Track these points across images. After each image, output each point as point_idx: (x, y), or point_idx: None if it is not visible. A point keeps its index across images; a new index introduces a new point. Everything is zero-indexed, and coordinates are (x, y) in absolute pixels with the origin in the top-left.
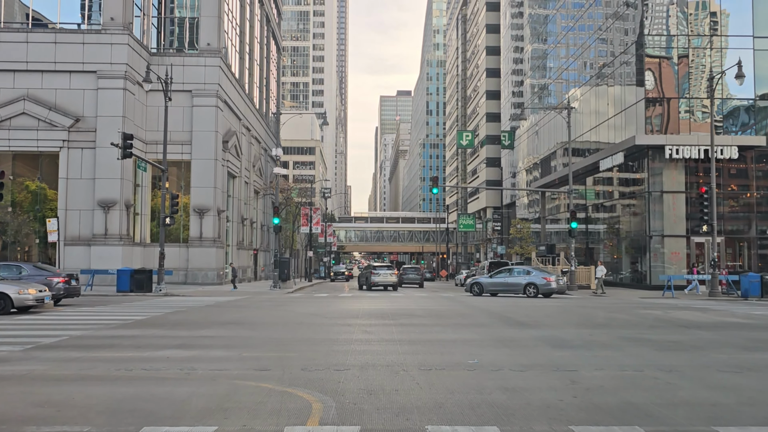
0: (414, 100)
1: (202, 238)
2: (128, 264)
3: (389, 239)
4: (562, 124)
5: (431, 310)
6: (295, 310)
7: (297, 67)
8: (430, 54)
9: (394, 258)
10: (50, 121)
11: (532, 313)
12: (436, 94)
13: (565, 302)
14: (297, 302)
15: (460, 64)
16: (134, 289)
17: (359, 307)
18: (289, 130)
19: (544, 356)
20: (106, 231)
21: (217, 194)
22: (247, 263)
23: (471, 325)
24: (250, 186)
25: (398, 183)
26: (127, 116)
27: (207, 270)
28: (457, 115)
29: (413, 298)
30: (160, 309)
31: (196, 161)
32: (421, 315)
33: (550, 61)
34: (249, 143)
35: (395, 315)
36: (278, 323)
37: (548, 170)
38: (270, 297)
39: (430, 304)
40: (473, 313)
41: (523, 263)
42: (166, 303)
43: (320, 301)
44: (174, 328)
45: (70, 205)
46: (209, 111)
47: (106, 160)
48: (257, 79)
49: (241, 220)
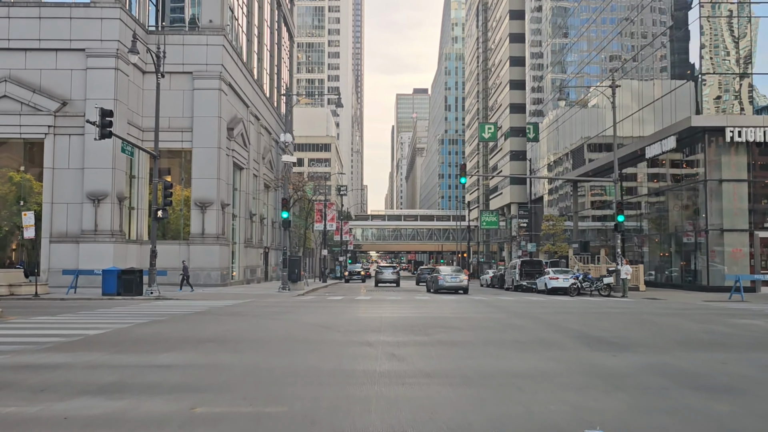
0: (432, 96)
1: (204, 234)
2: (121, 264)
3: (408, 238)
4: (588, 117)
5: (470, 318)
6: (301, 320)
7: (312, 63)
8: (448, 47)
9: (411, 257)
10: (34, 104)
11: (603, 324)
12: (454, 89)
13: (624, 305)
14: (305, 308)
15: (481, 54)
16: (122, 292)
17: (380, 315)
18: (303, 126)
19: (703, 416)
20: (95, 227)
21: (220, 186)
22: (256, 263)
23: (534, 344)
24: (259, 179)
25: (415, 181)
26: (119, 99)
27: (209, 270)
28: (478, 108)
29: (441, 302)
30: (135, 318)
31: (198, 150)
32: (459, 326)
33: (570, 56)
34: (258, 133)
35: (427, 327)
36: (274, 340)
37: (580, 162)
38: (276, 301)
39: (465, 309)
40: (525, 323)
41: (558, 262)
42: (149, 309)
43: (333, 306)
44: (124, 351)
45: (57, 198)
46: (212, 94)
47: (95, 148)
48: (267, 66)
49: (249, 215)
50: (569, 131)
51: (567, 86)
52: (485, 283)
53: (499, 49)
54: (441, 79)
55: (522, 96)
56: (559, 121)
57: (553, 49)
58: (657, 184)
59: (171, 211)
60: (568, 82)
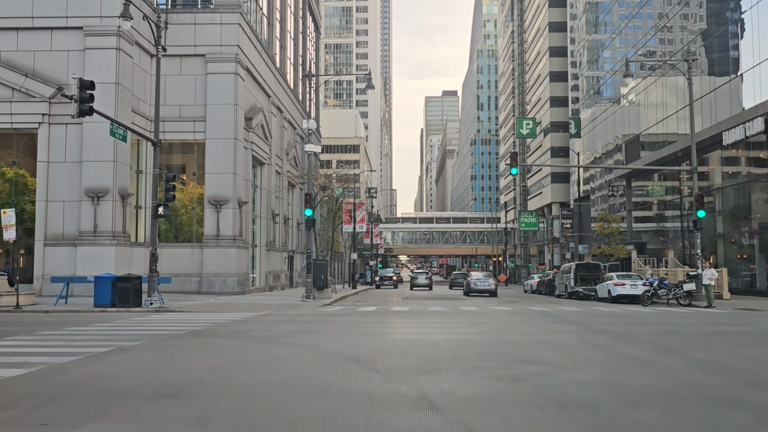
0: (463, 96)
1: (219, 236)
2: (125, 269)
3: (440, 241)
4: (633, 112)
5: (554, 343)
6: (323, 346)
7: (340, 64)
8: (480, 44)
9: (443, 261)
10: (27, 90)
11: (758, 354)
12: (487, 87)
13: (730, 320)
14: (330, 324)
15: (516, 48)
16: (117, 303)
17: (429, 337)
18: (331, 128)
19: None
20: (95, 227)
21: (237, 182)
22: (280, 267)
23: (718, 404)
24: (283, 177)
25: (445, 184)
26: (121, 83)
27: (225, 276)
28: (513, 104)
29: (496, 315)
30: (103, 341)
31: (212, 141)
32: (551, 359)
33: (606, 53)
34: (281, 127)
35: (504, 359)
36: (275, 392)
37: (634, 156)
38: (296, 314)
39: (533, 325)
40: (647, 354)
41: (618, 266)
42: (133, 327)
43: (365, 321)
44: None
45: (52, 195)
46: (227, 79)
47: (95, 138)
48: (291, 56)
49: (271, 215)
50: (614, 126)
51: (601, 84)
52: (530, 289)
53: (537, 41)
54: (472, 77)
55: (563, 88)
56: (607, 113)
57: (590, 46)
58: (735, 176)
59: (183, 211)
60: (603, 80)
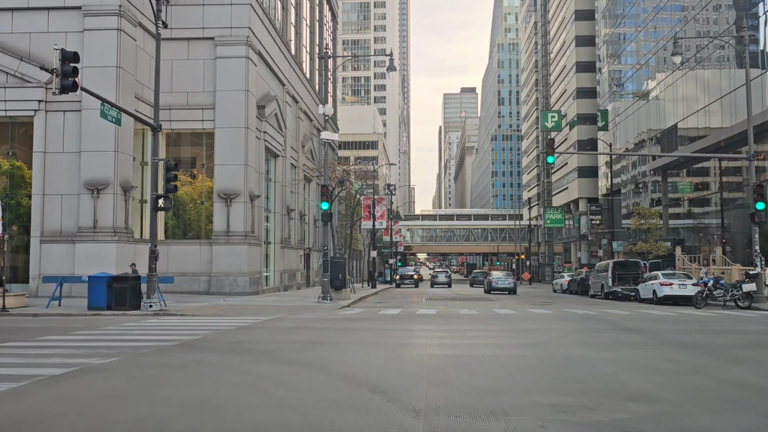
0: (483, 91)
1: (229, 232)
2: (127, 267)
3: (461, 238)
4: (660, 107)
5: (643, 364)
6: (339, 368)
7: (357, 61)
8: (500, 38)
9: (463, 260)
10: (22, 75)
11: None
12: (508, 82)
13: None
14: (347, 334)
15: (540, 39)
16: (113, 305)
17: (472, 351)
18: (349, 124)
19: None
20: (95, 222)
21: (249, 174)
22: (295, 266)
23: None
24: (298, 171)
25: (465, 181)
26: (123, 67)
27: (236, 275)
28: (537, 98)
29: (540, 320)
30: (70, 359)
31: (222, 131)
32: (654, 392)
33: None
34: (297, 117)
35: (599, 394)
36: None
37: (672, 147)
38: (309, 318)
39: (592, 334)
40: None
41: (659, 263)
42: (120, 336)
43: (389, 328)
44: None
45: (49, 188)
46: (237, 64)
47: (94, 126)
48: (307, 44)
49: (286, 211)
50: (648, 117)
51: (626, 78)
52: (560, 289)
53: (562, 30)
54: (493, 72)
55: (590, 79)
56: (638, 104)
57: (612, 39)
58: None
59: (191, 205)
60: (624, 75)
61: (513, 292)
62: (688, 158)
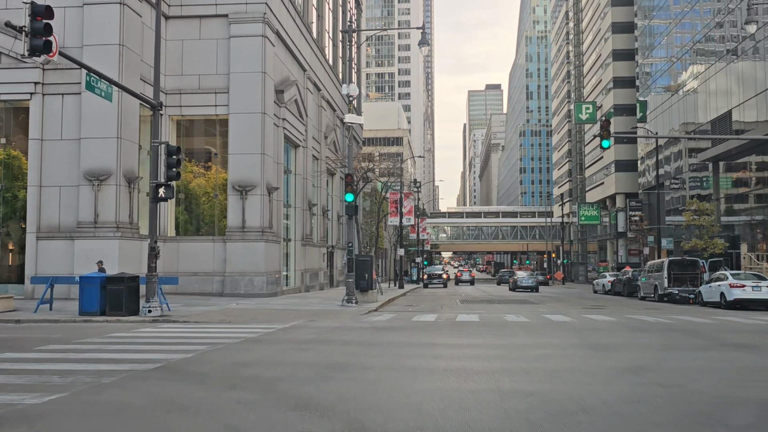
0: (509, 87)
1: (244, 227)
2: (132, 267)
3: (489, 236)
4: (693, 102)
5: None
6: (372, 421)
7: (381, 56)
8: (529, 31)
9: (489, 258)
10: (17, 54)
11: None
12: (536, 76)
13: None
14: (379, 352)
15: (572, 28)
16: (108, 310)
17: (571, 391)
18: (373, 120)
19: None
20: (96, 217)
21: (266, 164)
22: (318, 265)
23: None
24: (320, 163)
25: (490, 179)
26: (127, 45)
27: (252, 275)
28: (568, 90)
29: (614, 331)
30: (18, 393)
31: (236, 117)
32: None
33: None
34: (319, 106)
35: None
36: None
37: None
38: (334, 326)
39: (711, 359)
40: None
41: (718, 262)
42: (93, 355)
43: (431, 344)
44: None
45: (47, 179)
46: (253, 43)
47: (95, 111)
48: (330, 29)
49: (307, 206)
50: (695, 107)
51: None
52: (602, 289)
53: (597, 18)
54: (520, 66)
55: (628, 68)
56: (681, 94)
57: (650, 29)
58: None
59: (204, 199)
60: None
61: (536, 290)
62: (744, 148)
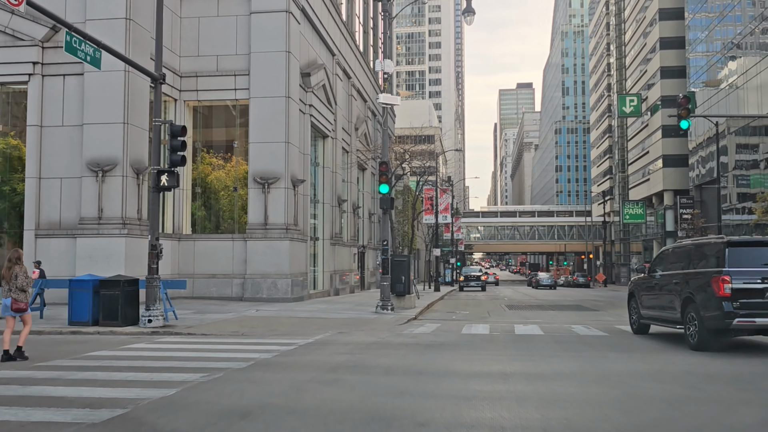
0: (544, 84)
1: (267, 224)
2: (141, 268)
3: (525, 236)
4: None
5: None
6: None
7: (412, 54)
8: (564, 25)
9: (522, 259)
10: (13, 31)
11: None
12: (573, 72)
13: None
14: (433, 390)
15: (613, 18)
16: (101, 319)
17: None
18: (404, 118)
19: None
20: (100, 211)
21: (290, 154)
22: (348, 266)
23: None
24: (351, 157)
25: (522, 178)
26: (134, 19)
27: (275, 277)
28: (608, 83)
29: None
30: None
31: (258, 101)
32: None
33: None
34: (349, 95)
35: None
36: None
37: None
38: (368, 341)
39: None
40: None
41: None
42: (39, 392)
43: (499, 374)
44: None
45: (46, 171)
46: (277, 19)
47: (99, 93)
48: (360, 14)
49: (337, 202)
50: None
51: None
52: None
53: (640, 5)
54: (555, 62)
55: (677, 57)
56: (734, 86)
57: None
58: None
59: (224, 193)
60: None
61: (553, 288)
62: None
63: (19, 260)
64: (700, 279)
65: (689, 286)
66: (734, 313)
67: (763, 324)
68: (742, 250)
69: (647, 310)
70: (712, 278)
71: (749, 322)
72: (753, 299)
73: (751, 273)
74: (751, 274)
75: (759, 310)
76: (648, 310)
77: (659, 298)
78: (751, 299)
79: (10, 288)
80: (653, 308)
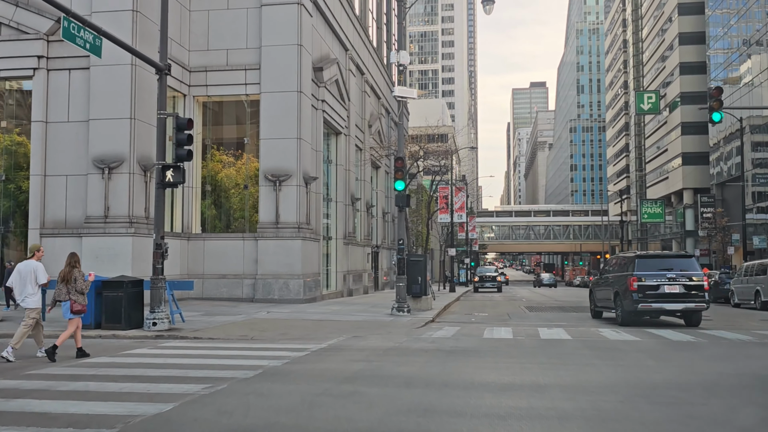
0: (558, 82)
1: (278, 223)
2: (149, 268)
3: (540, 236)
4: None
5: None
6: None
7: (425, 53)
8: (579, 23)
9: (536, 259)
10: (18, 25)
11: None
12: (588, 69)
13: None
14: (461, 407)
15: (630, 14)
16: (104, 321)
17: None
18: (417, 117)
19: None
20: (106, 210)
21: (302, 150)
22: (362, 266)
23: None
24: (364, 154)
25: (536, 177)
26: (142, 12)
27: (287, 277)
28: (625, 80)
29: None
30: None
31: (269, 96)
32: None
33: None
34: (362, 91)
35: None
36: None
37: None
38: (383, 347)
39: None
40: None
41: None
42: (21, 407)
43: (534, 386)
44: None
45: (51, 168)
46: (288, 11)
47: (105, 87)
48: (373, 8)
49: (350, 201)
50: None
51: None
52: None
53: (658, 0)
54: (570, 60)
55: (700, 52)
56: (759, 79)
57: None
58: None
59: (234, 191)
60: None
61: (554, 286)
62: None
63: (77, 263)
64: (623, 279)
65: (617, 283)
66: (639, 300)
67: (658, 308)
68: (646, 260)
69: (598, 300)
70: (628, 278)
71: (648, 306)
72: (652, 292)
73: (652, 275)
74: (652, 276)
75: (655, 299)
76: (598, 301)
77: (603, 291)
78: (651, 292)
79: (69, 290)
80: (601, 300)
